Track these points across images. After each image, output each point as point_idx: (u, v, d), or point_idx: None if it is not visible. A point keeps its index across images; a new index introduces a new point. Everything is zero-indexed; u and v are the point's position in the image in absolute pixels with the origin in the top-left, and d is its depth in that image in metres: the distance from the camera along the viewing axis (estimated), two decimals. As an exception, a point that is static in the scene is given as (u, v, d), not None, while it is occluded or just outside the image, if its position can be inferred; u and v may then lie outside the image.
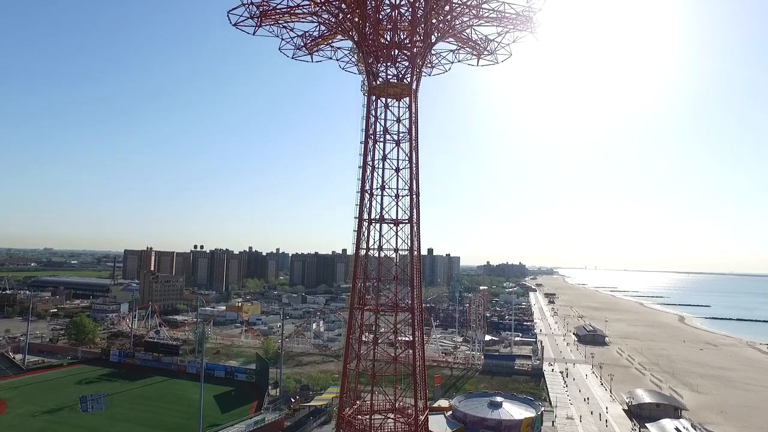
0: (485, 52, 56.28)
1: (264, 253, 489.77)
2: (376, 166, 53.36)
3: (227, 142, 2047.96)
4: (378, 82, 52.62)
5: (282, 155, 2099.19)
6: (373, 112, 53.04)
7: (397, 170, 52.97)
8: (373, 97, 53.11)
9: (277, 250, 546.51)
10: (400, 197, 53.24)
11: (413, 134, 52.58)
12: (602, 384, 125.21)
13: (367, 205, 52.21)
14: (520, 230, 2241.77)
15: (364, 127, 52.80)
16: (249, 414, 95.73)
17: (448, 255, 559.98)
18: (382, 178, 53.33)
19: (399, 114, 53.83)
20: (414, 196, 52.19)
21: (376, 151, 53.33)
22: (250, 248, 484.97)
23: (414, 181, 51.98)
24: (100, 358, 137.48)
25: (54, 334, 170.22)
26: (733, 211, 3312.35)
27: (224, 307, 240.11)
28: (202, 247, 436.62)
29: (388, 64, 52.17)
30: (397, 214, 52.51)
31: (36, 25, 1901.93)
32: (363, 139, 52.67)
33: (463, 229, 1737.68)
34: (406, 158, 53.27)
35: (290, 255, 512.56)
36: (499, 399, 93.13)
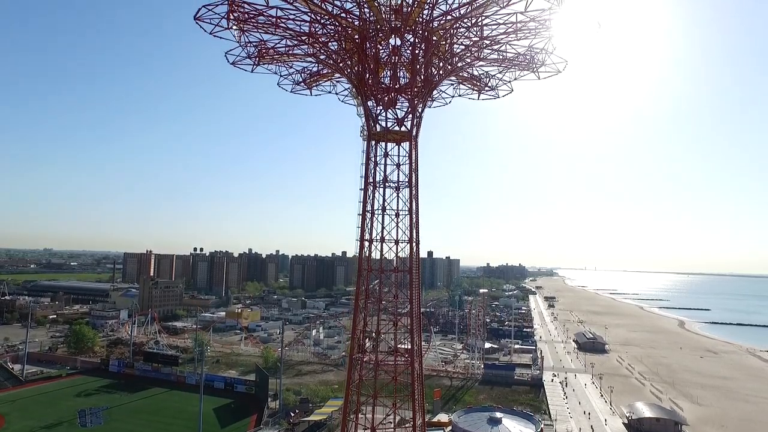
0: (486, 88, 56.23)
1: (264, 255, 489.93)
2: (376, 213, 53.05)
3: (227, 142, 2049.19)
4: (378, 129, 52.56)
5: (282, 156, 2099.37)
6: (372, 158, 52.78)
7: (397, 215, 52.60)
8: (373, 142, 52.85)
9: (277, 252, 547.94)
10: (400, 244, 52.62)
11: (413, 181, 52.16)
12: (602, 395, 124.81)
13: (366, 254, 51.72)
14: (520, 231, 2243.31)
15: (363, 174, 52.38)
16: (248, 428, 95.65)
17: (447, 258, 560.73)
18: (382, 224, 53.02)
19: (399, 160, 53.57)
20: (413, 245, 51.80)
21: (376, 198, 52.99)
22: (250, 250, 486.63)
23: (414, 230, 51.58)
24: (99, 368, 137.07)
25: (53, 342, 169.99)
26: (733, 211, 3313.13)
27: (224, 313, 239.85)
28: (201, 249, 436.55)
29: (389, 109, 51.89)
30: (396, 262, 52.10)
31: (36, 26, 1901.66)
32: (362, 186, 52.20)
33: (463, 230, 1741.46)
34: (405, 206, 52.82)
35: (290, 257, 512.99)
36: (498, 414, 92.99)
